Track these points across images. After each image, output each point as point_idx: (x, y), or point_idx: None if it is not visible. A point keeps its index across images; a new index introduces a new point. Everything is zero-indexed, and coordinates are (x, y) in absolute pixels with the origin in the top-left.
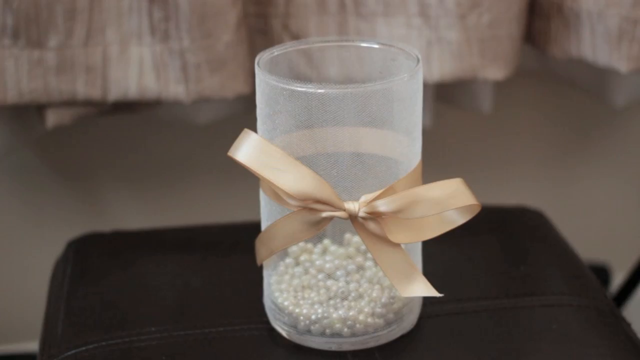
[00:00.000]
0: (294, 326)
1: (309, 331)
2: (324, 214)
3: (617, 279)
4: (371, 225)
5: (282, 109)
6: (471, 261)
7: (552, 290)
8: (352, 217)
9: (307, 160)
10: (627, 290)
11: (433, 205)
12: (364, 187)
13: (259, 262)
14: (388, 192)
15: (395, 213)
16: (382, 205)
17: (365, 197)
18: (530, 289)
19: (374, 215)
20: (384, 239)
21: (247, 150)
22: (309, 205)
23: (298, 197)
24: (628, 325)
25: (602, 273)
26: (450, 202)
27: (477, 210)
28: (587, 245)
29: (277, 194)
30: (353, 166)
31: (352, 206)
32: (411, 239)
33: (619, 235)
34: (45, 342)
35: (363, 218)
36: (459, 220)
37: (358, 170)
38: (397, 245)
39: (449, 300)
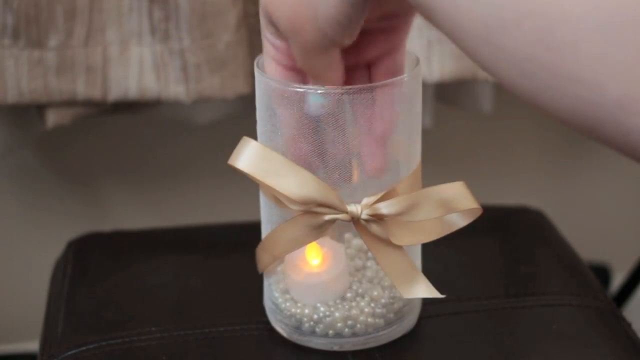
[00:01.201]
0: (294, 326)
1: (309, 331)
2: (327, 217)
3: (617, 279)
4: (374, 228)
5: (281, 110)
6: (471, 261)
7: (552, 290)
8: (355, 220)
9: (307, 163)
10: (627, 290)
11: (435, 208)
12: (365, 189)
13: (260, 270)
14: (390, 194)
15: (398, 216)
16: (385, 208)
17: (367, 200)
18: (530, 289)
19: (376, 218)
20: (386, 241)
21: (247, 157)
22: (311, 209)
23: (301, 202)
24: (628, 325)
25: (602, 273)
26: (452, 206)
27: (478, 213)
28: (587, 245)
29: (277, 199)
30: (353, 167)
31: (354, 209)
32: (412, 241)
33: (619, 235)
34: (45, 342)
35: (365, 220)
36: (460, 223)
37: (357, 170)
38: (399, 247)
39: (449, 300)
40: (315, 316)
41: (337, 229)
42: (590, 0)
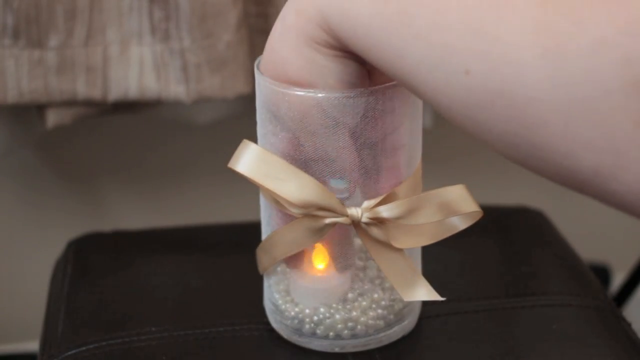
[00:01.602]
0: (294, 328)
1: (309, 333)
2: (327, 220)
3: (617, 279)
4: (374, 231)
5: (282, 112)
6: (471, 261)
7: (552, 290)
8: (355, 223)
9: (307, 166)
10: (627, 290)
11: (436, 211)
12: (365, 192)
13: (261, 271)
14: (390, 197)
15: (398, 219)
16: (385, 211)
17: (367, 203)
18: (530, 289)
19: (377, 221)
20: (386, 244)
21: (247, 161)
22: (311, 212)
23: (301, 206)
24: (628, 325)
25: (602, 273)
26: (452, 209)
27: (478, 216)
28: (587, 245)
29: (278, 202)
30: (353, 170)
31: (355, 212)
32: (412, 244)
33: (619, 235)
34: (45, 342)
35: (366, 224)
36: (461, 225)
37: (359, 175)
38: (400, 250)
39: (449, 300)
40: (316, 318)
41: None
42: (550, 82)
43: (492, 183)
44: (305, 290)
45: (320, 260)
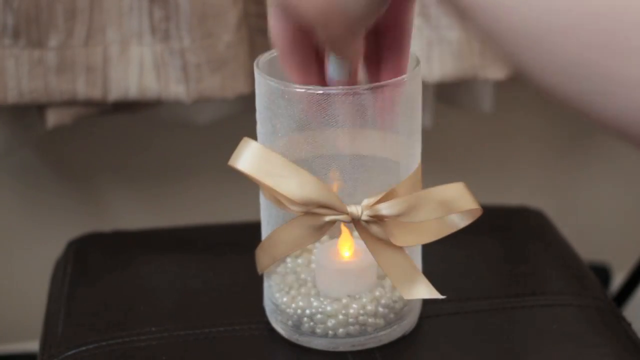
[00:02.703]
0: (294, 327)
1: (309, 332)
2: (327, 218)
3: (617, 279)
4: (374, 229)
5: (282, 111)
6: (471, 261)
7: (552, 290)
8: (355, 221)
9: (307, 163)
10: (627, 290)
11: (435, 209)
12: (365, 190)
13: (260, 271)
14: (390, 195)
15: (398, 216)
16: (385, 209)
17: (367, 201)
18: (530, 288)
19: (377, 219)
20: (386, 242)
21: (248, 158)
22: (311, 210)
23: (301, 203)
24: (628, 325)
25: (602, 273)
26: (452, 206)
27: (478, 214)
28: (587, 245)
29: (278, 200)
30: (353, 168)
31: (354, 209)
32: (412, 242)
33: (619, 235)
34: (45, 342)
35: (366, 221)
36: (460, 223)
37: (358, 173)
38: (400, 248)
39: (449, 300)
40: (316, 317)
41: (336, 226)
42: None
43: (492, 183)
44: (332, 279)
45: (347, 248)
